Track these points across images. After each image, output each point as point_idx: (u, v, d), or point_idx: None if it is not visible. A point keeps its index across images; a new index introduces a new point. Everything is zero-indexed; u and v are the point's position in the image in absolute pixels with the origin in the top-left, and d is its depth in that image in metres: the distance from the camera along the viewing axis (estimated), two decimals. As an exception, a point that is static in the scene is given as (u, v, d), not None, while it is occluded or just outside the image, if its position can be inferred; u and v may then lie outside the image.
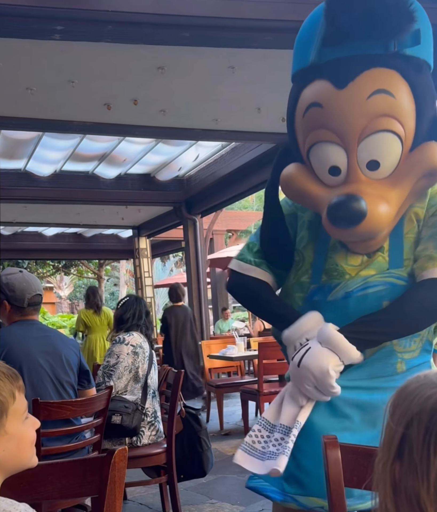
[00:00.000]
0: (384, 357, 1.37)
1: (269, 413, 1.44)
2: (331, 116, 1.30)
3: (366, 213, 1.26)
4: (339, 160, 1.33)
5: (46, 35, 3.46)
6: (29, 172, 7.44)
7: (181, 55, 3.99)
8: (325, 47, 1.28)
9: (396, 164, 1.32)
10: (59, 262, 19.15)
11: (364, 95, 1.26)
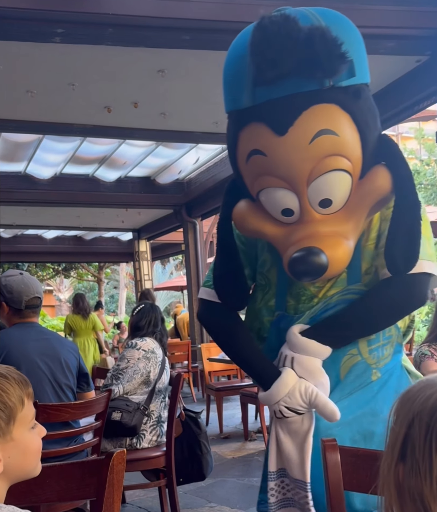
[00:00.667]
0: (361, 374, 1.40)
1: (274, 464, 1.42)
2: (276, 164, 1.27)
3: (327, 266, 1.26)
4: (290, 203, 1.31)
5: (46, 38, 3.46)
6: (29, 175, 7.44)
7: (181, 58, 4.00)
8: (257, 87, 1.23)
9: (347, 197, 1.31)
10: (59, 265, 19.14)
11: (306, 140, 1.22)
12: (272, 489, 1.41)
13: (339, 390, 1.39)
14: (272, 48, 1.15)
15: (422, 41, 3.70)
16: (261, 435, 4.70)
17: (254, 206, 1.38)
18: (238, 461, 4.22)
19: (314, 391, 1.33)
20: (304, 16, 1.22)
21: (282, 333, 1.44)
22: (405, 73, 4.25)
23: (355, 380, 1.40)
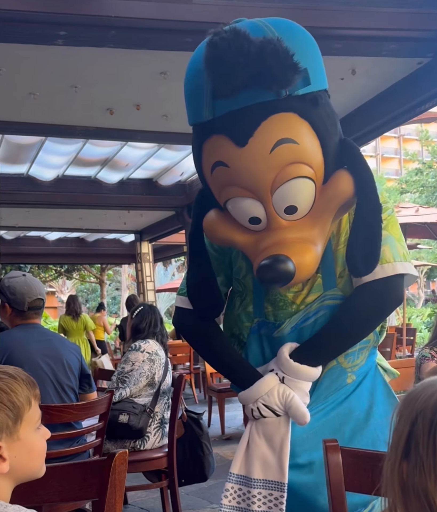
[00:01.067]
0: (336, 378, 1.43)
1: (240, 468, 1.41)
2: (238, 175, 1.28)
3: (293, 273, 1.28)
4: (256, 211, 1.32)
5: (49, 40, 3.48)
6: (31, 177, 7.46)
7: (183, 60, 3.95)
8: (216, 100, 1.25)
9: (312, 203, 1.32)
10: (61, 266, 19.16)
11: (266, 150, 1.23)
12: (227, 491, 1.40)
13: (315, 395, 1.42)
14: (224, 64, 1.16)
15: (424, 43, 3.71)
16: (263, 436, 4.70)
17: (223, 215, 1.40)
18: (240, 462, 4.21)
19: (291, 393, 1.36)
20: (256, 28, 1.24)
21: (263, 338, 1.47)
22: (407, 75, 4.26)
23: (330, 384, 1.43)
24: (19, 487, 1.03)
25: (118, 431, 2.78)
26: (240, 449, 1.42)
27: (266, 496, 1.35)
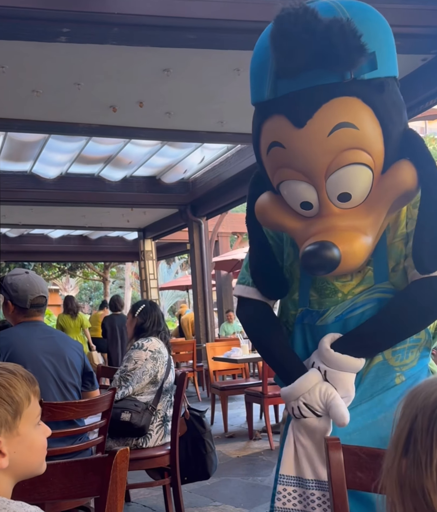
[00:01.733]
0: (383, 375, 1.36)
1: (288, 469, 1.38)
2: (294, 156, 1.26)
3: (339, 261, 1.25)
4: (309, 196, 1.30)
5: (52, 37, 3.47)
6: (35, 175, 7.46)
7: (186, 57, 4.00)
8: (279, 80, 1.23)
9: (368, 191, 1.29)
10: (65, 264, 19.19)
11: (324, 133, 1.21)
12: (279, 493, 1.38)
13: (360, 391, 1.36)
14: (288, 40, 1.15)
15: (428, 40, 3.69)
16: (266, 434, 4.70)
17: (276, 199, 1.38)
18: (243, 460, 4.22)
19: (333, 393, 1.32)
20: (328, 7, 1.21)
21: (306, 328, 1.43)
22: (411, 72, 4.24)
23: (376, 381, 1.36)
24: (20, 485, 1.03)
25: (120, 429, 2.78)
26: (287, 451, 1.39)
27: (320, 498, 1.32)
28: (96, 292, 26.56)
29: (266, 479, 3.64)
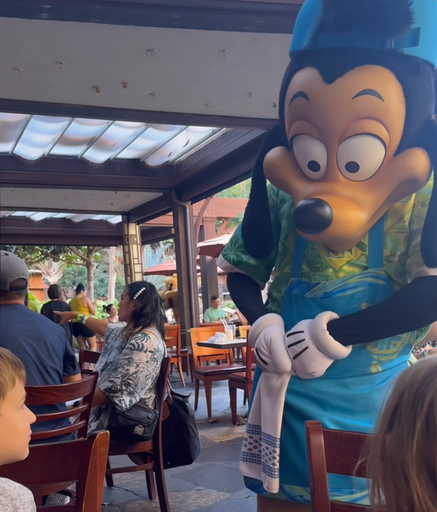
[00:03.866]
0: (356, 357, 1.36)
1: (252, 418, 1.47)
2: (315, 110, 1.26)
3: (330, 220, 1.24)
4: (319, 156, 1.30)
5: (33, 14, 3.38)
6: (16, 156, 7.35)
7: (171, 37, 3.93)
8: (322, 32, 1.24)
9: (377, 168, 1.28)
10: (48, 247, 19.06)
11: (350, 94, 1.21)
12: (245, 440, 1.47)
13: (331, 366, 1.36)
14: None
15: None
16: (249, 418, 4.73)
17: (287, 155, 1.37)
18: (226, 445, 4.24)
19: (274, 337, 1.38)
20: None
21: (293, 299, 1.43)
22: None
23: (349, 360, 1.35)
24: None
25: (129, 440, 2.75)
26: (253, 402, 1.48)
27: (264, 449, 1.40)
28: (80, 277, 26.47)
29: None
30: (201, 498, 3.12)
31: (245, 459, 1.46)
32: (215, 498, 3.11)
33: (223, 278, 20.48)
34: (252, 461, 1.44)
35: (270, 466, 1.36)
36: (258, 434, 1.44)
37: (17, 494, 0.90)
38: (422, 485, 0.65)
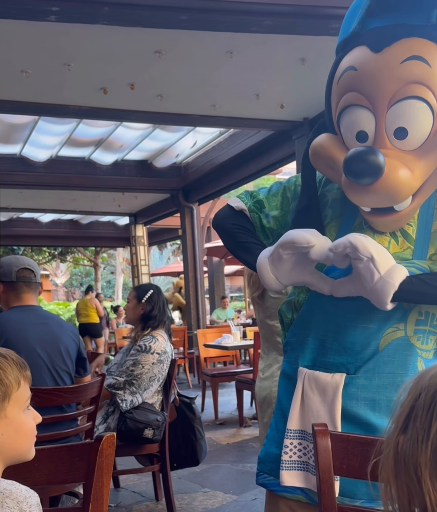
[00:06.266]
0: (402, 350, 1.31)
1: (294, 423, 1.38)
2: (363, 78, 1.28)
3: (383, 167, 1.21)
4: (367, 125, 1.29)
5: (41, 16, 3.40)
6: (24, 157, 7.38)
7: (179, 39, 3.93)
8: (368, 18, 1.28)
9: (425, 137, 1.27)
10: (55, 249, 19.12)
11: (398, 59, 1.24)
12: (286, 447, 1.38)
13: (374, 361, 1.30)
14: None
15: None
16: (256, 421, 4.72)
17: (333, 137, 1.37)
18: (233, 447, 4.23)
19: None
20: None
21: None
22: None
23: (394, 353, 1.30)
24: (5, 470, 1.02)
25: (138, 441, 2.75)
26: (294, 406, 1.38)
27: None
28: (87, 278, 26.54)
29: (256, 466, 3.66)
30: (207, 500, 3.12)
31: (288, 468, 1.36)
32: (221, 500, 3.11)
33: (230, 279, 20.43)
34: (297, 469, 1.36)
35: None
36: (302, 439, 1.37)
37: (23, 497, 0.91)
38: (435, 487, 0.64)
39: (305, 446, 1.37)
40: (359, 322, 1.31)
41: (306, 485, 1.34)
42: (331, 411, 1.31)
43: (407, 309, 1.31)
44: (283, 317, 1.51)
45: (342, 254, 1.22)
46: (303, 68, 4.38)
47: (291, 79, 4.72)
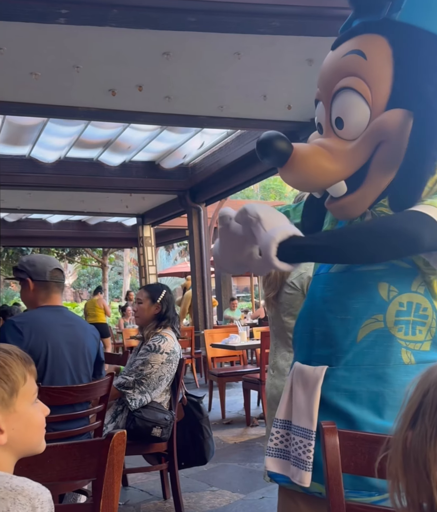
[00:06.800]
0: (382, 342, 1.29)
1: (282, 413, 1.44)
2: (320, 74, 1.40)
3: (287, 153, 1.27)
4: (321, 117, 1.39)
5: (50, 18, 3.43)
6: (33, 159, 7.42)
7: (186, 40, 3.95)
8: (352, 19, 1.38)
9: (363, 127, 1.30)
10: (63, 249, 19.19)
11: (341, 54, 1.33)
12: (272, 435, 1.44)
13: (353, 352, 1.30)
14: None
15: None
16: (263, 421, 4.73)
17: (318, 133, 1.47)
18: (240, 446, 4.24)
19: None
20: None
21: (318, 279, 1.41)
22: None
23: (373, 344, 1.29)
24: (17, 466, 1.04)
25: (146, 440, 2.77)
26: (284, 397, 1.44)
27: (297, 443, 1.35)
28: (94, 279, 26.60)
29: (263, 465, 3.66)
30: (215, 499, 3.14)
31: (271, 455, 1.43)
32: (229, 499, 3.12)
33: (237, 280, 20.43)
34: (279, 456, 1.42)
35: (304, 459, 1.33)
36: (286, 429, 1.43)
37: (35, 493, 0.92)
38: None
39: (288, 436, 1.41)
40: (338, 314, 1.33)
41: (285, 473, 1.38)
42: (309, 402, 1.33)
43: (387, 300, 1.31)
44: None
45: (242, 220, 1.27)
46: (311, 69, 4.39)
47: (299, 80, 4.73)
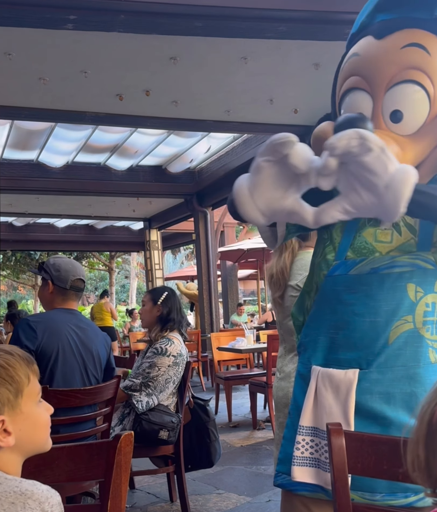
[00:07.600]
0: (413, 342, 1.30)
1: (307, 420, 1.38)
2: (365, 62, 1.31)
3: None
4: (364, 107, 1.31)
5: (59, 24, 3.46)
6: (41, 163, 7.47)
7: (194, 45, 3.98)
8: (377, 12, 1.33)
9: (421, 122, 1.28)
10: (71, 253, 19.22)
11: (399, 45, 1.27)
12: (298, 443, 1.37)
13: (386, 354, 1.30)
14: None
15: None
16: (270, 424, 4.72)
17: (333, 124, 1.37)
18: (246, 449, 4.24)
19: None
20: None
21: (335, 280, 1.36)
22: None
23: (404, 346, 1.30)
24: (26, 468, 1.05)
25: (153, 443, 2.77)
26: (307, 402, 1.38)
27: None
28: (101, 282, 26.66)
29: (269, 468, 3.67)
30: (221, 501, 3.14)
31: (299, 464, 1.37)
32: (235, 502, 3.12)
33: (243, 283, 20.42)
34: (308, 465, 1.36)
35: None
36: (314, 436, 1.37)
37: (45, 497, 0.93)
38: None
39: (317, 443, 1.37)
40: (366, 317, 1.31)
41: (317, 481, 1.34)
42: (345, 407, 1.31)
43: (415, 301, 1.31)
44: (294, 320, 1.53)
45: (343, 151, 1.05)
46: (317, 73, 4.40)
47: (305, 84, 4.75)
